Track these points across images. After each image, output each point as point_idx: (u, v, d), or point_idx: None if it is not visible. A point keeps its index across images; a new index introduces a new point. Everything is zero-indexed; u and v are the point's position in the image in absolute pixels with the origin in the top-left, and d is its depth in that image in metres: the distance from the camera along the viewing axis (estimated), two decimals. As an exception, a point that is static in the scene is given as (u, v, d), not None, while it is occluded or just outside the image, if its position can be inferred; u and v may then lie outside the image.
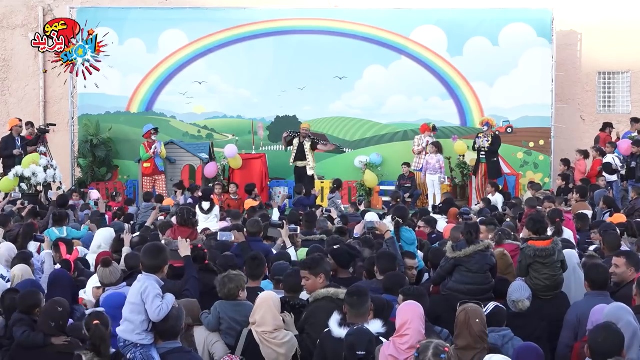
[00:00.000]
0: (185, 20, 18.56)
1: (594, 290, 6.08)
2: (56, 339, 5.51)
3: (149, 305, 5.19)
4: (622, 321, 5.13)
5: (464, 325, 4.98)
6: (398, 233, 7.87)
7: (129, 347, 5.22)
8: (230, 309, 5.95)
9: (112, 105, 18.58)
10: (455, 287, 6.87)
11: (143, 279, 5.35)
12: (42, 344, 5.50)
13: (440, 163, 16.52)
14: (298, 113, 18.46)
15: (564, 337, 6.00)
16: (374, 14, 18.48)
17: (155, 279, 5.35)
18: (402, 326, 5.00)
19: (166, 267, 5.54)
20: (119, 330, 5.29)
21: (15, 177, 14.64)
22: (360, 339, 4.87)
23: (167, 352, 5.22)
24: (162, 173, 16.55)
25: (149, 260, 5.45)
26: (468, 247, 6.90)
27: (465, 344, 4.93)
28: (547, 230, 7.40)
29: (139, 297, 5.24)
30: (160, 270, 5.45)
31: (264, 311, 5.65)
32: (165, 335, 5.23)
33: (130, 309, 5.27)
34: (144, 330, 5.22)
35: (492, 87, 18.18)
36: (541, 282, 6.68)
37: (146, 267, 5.45)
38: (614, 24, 18.72)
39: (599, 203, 12.37)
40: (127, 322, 5.25)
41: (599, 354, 4.57)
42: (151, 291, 5.23)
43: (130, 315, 5.25)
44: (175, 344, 5.26)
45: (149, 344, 5.22)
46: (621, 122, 18.43)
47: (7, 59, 19.79)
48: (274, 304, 5.72)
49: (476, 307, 5.13)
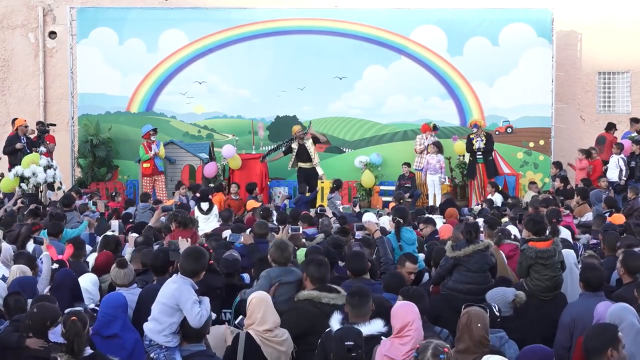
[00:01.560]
0: (185, 20, 18.54)
1: (587, 291, 6.10)
2: (32, 342, 5.27)
3: (189, 312, 5.17)
4: (625, 321, 5.15)
5: (465, 329, 4.96)
6: (398, 233, 7.88)
7: (154, 347, 5.21)
8: (282, 273, 6.31)
9: (112, 105, 18.57)
10: (455, 287, 6.87)
11: (179, 282, 5.29)
12: (15, 345, 5.31)
13: (440, 163, 16.52)
14: (298, 113, 18.46)
15: (559, 338, 6.01)
16: (374, 14, 18.48)
17: (191, 283, 5.31)
18: (403, 327, 5.01)
19: (203, 273, 5.52)
20: (146, 327, 5.25)
21: (15, 177, 14.65)
22: (348, 332, 4.95)
23: (191, 355, 5.22)
24: (162, 173, 16.55)
25: (190, 264, 5.41)
26: (468, 246, 6.91)
27: (465, 347, 4.91)
28: (546, 231, 7.40)
29: (172, 299, 5.20)
30: (198, 275, 5.41)
31: (264, 310, 5.67)
32: (191, 338, 5.22)
33: (160, 309, 5.23)
34: (171, 332, 5.20)
35: (492, 87, 18.17)
36: (542, 282, 6.68)
37: (185, 271, 5.40)
38: (614, 23, 18.73)
39: (594, 202, 12.39)
40: (155, 321, 5.21)
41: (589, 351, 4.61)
42: (189, 297, 5.21)
43: (159, 315, 5.22)
44: (199, 347, 5.26)
45: (174, 347, 5.21)
46: (621, 122, 18.42)
47: (7, 59, 19.79)
48: (270, 302, 5.77)
49: (480, 311, 5.09)
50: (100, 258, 7.78)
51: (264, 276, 6.36)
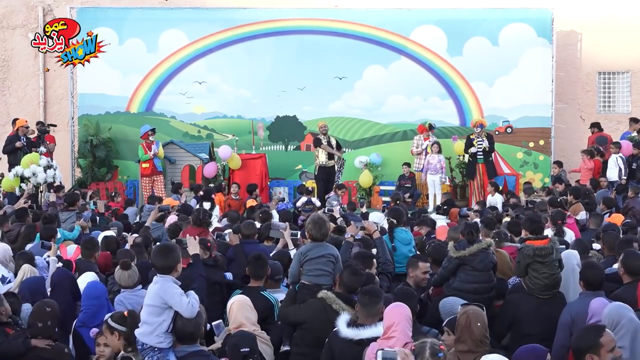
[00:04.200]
0: (185, 20, 18.55)
1: (588, 290, 6.09)
2: (38, 341, 5.32)
3: (178, 305, 5.13)
4: (624, 318, 5.14)
5: (465, 329, 4.92)
6: (391, 233, 7.87)
7: (147, 351, 5.16)
8: (312, 247, 6.32)
9: (112, 105, 18.58)
10: (461, 287, 6.87)
11: (160, 281, 5.24)
12: (22, 350, 5.28)
13: (441, 163, 16.50)
14: (298, 113, 18.48)
15: (559, 338, 5.98)
16: (374, 14, 18.48)
17: (171, 279, 5.27)
18: (388, 328, 5.00)
19: (179, 266, 5.43)
20: (137, 332, 5.22)
21: (15, 177, 14.65)
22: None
23: (186, 356, 5.16)
24: (161, 173, 16.53)
25: (160, 261, 5.35)
26: (471, 246, 6.91)
27: (467, 348, 4.88)
28: (543, 230, 7.41)
29: (157, 298, 5.17)
30: (173, 269, 5.34)
31: (248, 311, 5.90)
32: (185, 339, 5.18)
33: (148, 311, 5.18)
34: (162, 332, 5.16)
35: (491, 87, 18.17)
36: (541, 281, 6.66)
37: (159, 269, 5.35)
38: (614, 23, 18.72)
39: (599, 203, 12.38)
40: (146, 324, 5.17)
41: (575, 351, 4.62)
42: (174, 291, 5.16)
43: (148, 317, 5.17)
44: (194, 347, 5.21)
45: (167, 348, 5.17)
46: (621, 122, 18.43)
47: (7, 59, 19.79)
48: (251, 304, 6.00)
49: (477, 310, 5.05)
50: (100, 259, 7.79)
51: (295, 255, 6.45)
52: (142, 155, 16.30)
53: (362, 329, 5.29)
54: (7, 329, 5.52)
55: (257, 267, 6.73)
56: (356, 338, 5.27)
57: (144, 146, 16.37)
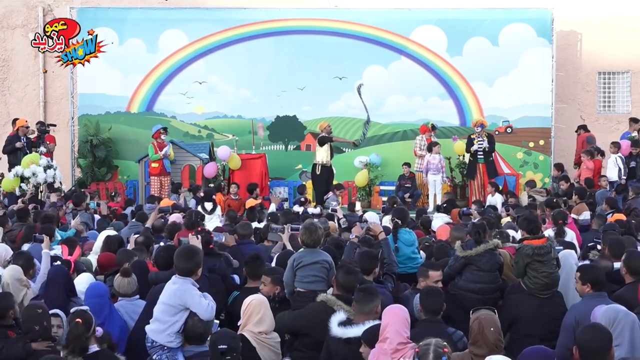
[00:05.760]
0: (185, 20, 18.55)
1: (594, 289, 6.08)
2: (37, 344, 5.31)
3: (198, 306, 5.19)
4: (620, 313, 5.17)
5: (479, 335, 4.91)
6: (395, 234, 7.86)
7: (156, 349, 5.20)
8: (305, 254, 6.30)
9: (112, 105, 18.57)
10: (466, 286, 6.89)
11: (179, 282, 5.29)
12: (23, 354, 5.26)
13: (442, 163, 16.51)
14: (298, 113, 18.47)
15: (563, 340, 5.96)
16: (374, 14, 18.48)
17: (191, 281, 5.32)
18: (383, 329, 4.99)
19: (200, 271, 5.49)
20: (148, 328, 5.25)
21: (15, 177, 14.65)
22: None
23: (194, 355, 5.21)
24: (169, 174, 16.39)
25: (182, 263, 5.38)
26: (477, 246, 6.92)
27: (483, 353, 4.85)
28: (540, 230, 7.41)
29: (174, 298, 5.21)
30: (193, 273, 5.39)
31: (263, 312, 5.71)
32: (194, 340, 5.22)
33: (162, 309, 5.23)
34: (174, 332, 5.20)
35: (491, 87, 18.17)
36: (540, 280, 6.65)
37: (180, 270, 5.38)
38: (614, 24, 18.74)
39: (600, 203, 12.37)
40: (158, 322, 5.22)
41: (588, 353, 4.55)
42: (193, 293, 5.22)
43: (162, 315, 5.22)
44: (202, 348, 5.24)
45: (176, 347, 5.21)
46: (621, 122, 18.44)
47: (7, 59, 19.79)
48: (269, 306, 5.81)
49: (490, 315, 5.04)
50: (102, 258, 7.78)
51: (288, 262, 6.37)
52: (152, 154, 16.19)
53: (350, 327, 5.29)
54: (10, 332, 5.52)
55: (254, 267, 6.72)
56: (344, 337, 5.28)
57: (155, 145, 16.27)
